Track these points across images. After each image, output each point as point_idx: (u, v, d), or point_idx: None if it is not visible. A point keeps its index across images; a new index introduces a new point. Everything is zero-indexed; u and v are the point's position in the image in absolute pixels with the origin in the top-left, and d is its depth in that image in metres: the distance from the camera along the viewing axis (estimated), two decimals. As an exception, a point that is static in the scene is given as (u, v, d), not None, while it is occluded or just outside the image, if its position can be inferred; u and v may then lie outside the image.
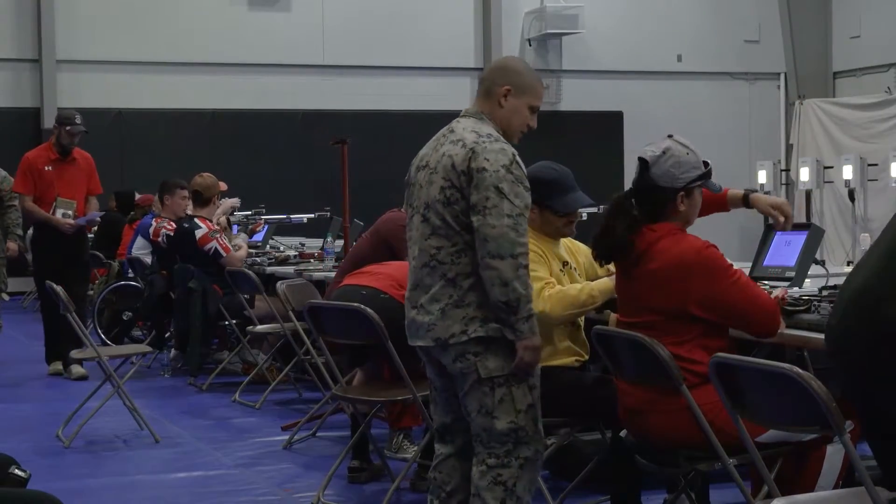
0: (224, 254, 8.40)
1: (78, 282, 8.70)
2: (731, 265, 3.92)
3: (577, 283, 4.65)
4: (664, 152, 3.98)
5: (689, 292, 3.84)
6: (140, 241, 9.99)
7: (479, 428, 3.88)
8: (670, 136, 4.08)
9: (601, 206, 6.20)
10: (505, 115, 3.96)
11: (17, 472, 3.36)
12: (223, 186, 8.85)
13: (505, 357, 3.79)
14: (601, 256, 4.11)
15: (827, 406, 2.85)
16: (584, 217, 6.51)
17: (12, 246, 9.85)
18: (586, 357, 4.66)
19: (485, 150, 3.79)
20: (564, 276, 4.62)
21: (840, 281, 3.84)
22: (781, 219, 4.50)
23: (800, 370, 2.94)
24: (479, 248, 3.73)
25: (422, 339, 3.90)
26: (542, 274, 4.42)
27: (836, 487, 3.77)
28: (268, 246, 10.17)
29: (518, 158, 3.83)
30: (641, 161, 4.00)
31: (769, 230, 4.96)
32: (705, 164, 4.05)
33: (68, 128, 8.71)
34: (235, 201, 9.35)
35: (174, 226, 8.89)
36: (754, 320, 3.85)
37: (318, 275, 7.67)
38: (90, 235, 10.12)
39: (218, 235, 8.49)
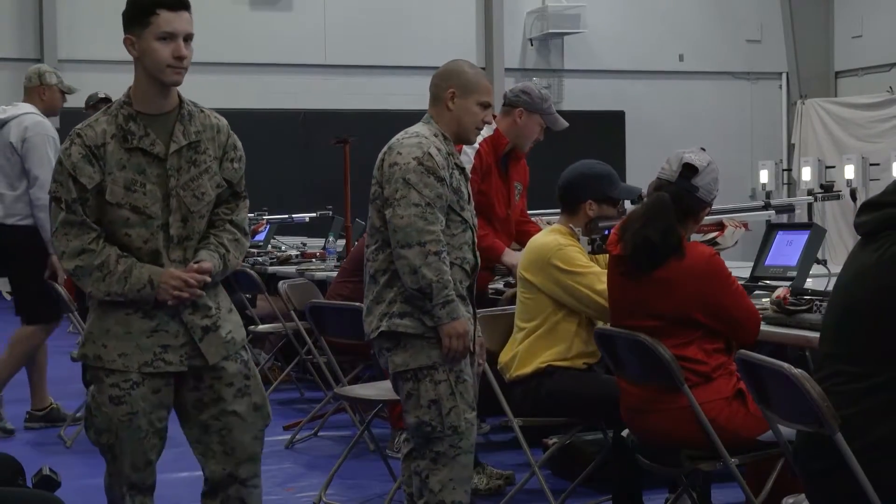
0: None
1: None
2: (731, 273, 3.95)
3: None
4: (709, 164, 3.95)
5: (697, 299, 3.85)
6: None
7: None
8: (703, 150, 4.06)
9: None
10: (455, 117, 4.01)
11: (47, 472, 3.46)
12: None
13: (413, 352, 3.85)
14: (637, 259, 3.92)
15: (818, 405, 2.85)
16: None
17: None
18: (596, 359, 4.66)
19: (400, 145, 3.88)
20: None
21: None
22: None
23: (792, 368, 2.93)
24: (392, 240, 3.80)
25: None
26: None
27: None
28: (269, 245, 10.17)
29: (434, 151, 3.85)
30: (689, 167, 3.92)
31: (771, 229, 4.96)
32: None
33: None
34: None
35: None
36: (745, 327, 3.90)
37: (319, 274, 7.67)
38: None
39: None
